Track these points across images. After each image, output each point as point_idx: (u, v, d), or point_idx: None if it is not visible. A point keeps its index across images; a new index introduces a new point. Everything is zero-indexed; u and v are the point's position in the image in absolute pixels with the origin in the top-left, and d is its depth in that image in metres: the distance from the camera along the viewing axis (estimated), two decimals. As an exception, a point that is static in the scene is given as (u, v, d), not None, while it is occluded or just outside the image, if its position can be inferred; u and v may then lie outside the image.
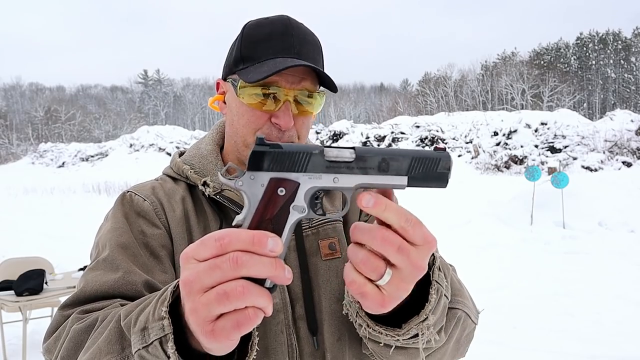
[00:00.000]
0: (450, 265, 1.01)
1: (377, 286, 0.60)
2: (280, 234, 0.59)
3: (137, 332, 0.69)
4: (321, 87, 1.03)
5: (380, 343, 0.80)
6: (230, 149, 1.07)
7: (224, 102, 1.06)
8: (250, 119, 0.98)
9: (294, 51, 0.95)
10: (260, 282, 0.56)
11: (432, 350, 0.86)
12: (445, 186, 0.63)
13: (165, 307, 0.66)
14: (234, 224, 0.59)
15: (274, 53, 0.95)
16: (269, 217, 0.59)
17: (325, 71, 1.04)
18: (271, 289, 0.57)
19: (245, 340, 0.71)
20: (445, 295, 0.81)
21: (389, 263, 0.59)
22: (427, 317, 0.75)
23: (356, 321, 0.81)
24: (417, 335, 0.77)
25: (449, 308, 0.87)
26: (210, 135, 1.13)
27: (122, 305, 0.85)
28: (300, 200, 0.61)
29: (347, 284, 0.61)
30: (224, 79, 1.05)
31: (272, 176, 0.60)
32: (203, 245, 0.55)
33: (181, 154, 1.13)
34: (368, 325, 0.78)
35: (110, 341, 0.75)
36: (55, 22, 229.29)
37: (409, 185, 0.63)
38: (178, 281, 0.63)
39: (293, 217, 0.60)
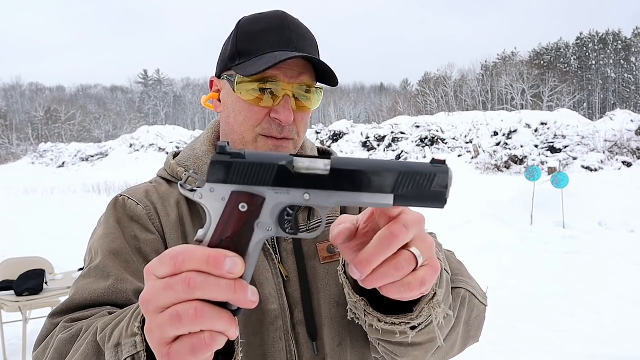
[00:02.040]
0: (449, 251, 0.99)
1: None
2: (242, 253, 0.52)
3: (111, 348, 0.66)
4: (318, 83, 1.00)
5: (397, 334, 0.74)
6: (235, 146, 1.03)
7: (219, 100, 1.03)
8: (248, 115, 0.95)
9: (293, 45, 0.92)
10: (222, 303, 0.51)
11: (444, 336, 0.83)
12: (442, 207, 0.54)
13: (138, 323, 0.62)
14: (195, 239, 0.54)
15: (271, 46, 0.92)
16: (230, 235, 0.53)
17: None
18: (235, 312, 0.52)
19: (229, 354, 0.65)
20: (445, 269, 0.79)
21: (406, 247, 0.58)
22: (435, 293, 0.72)
23: (365, 321, 0.77)
24: (430, 318, 0.74)
25: (452, 287, 0.85)
26: (205, 135, 1.09)
27: (110, 313, 0.82)
28: (266, 217, 0.54)
29: (401, 291, 0.58)
30: (218, 76, 1.02)
31: (234, 189, 0.54)
32: (160, 262, 0.51)
33: (176, 155, 1.10)
34: (379, 320, 0.73)
35: (87, 356, 0.72)
36: (52, 21, 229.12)
37: (396, 204, 0.54)
38: None
39: (258, 236, 0.54)
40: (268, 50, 0.91)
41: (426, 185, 0.53)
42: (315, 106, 0.98)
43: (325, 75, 0.96)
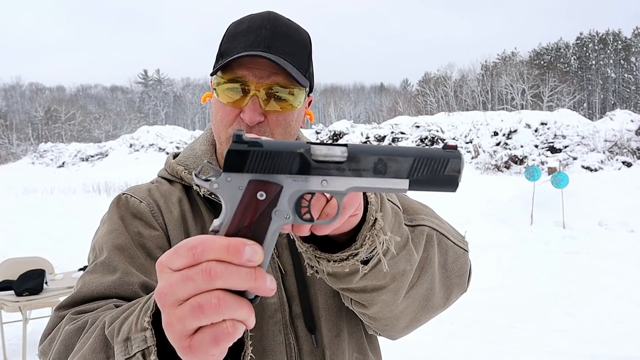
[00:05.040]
0: (426, 207, 0.99)
1: None
2: (260, 242, 0.53)
3: (120, 343, 0.66)
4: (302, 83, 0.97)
5: (347, 270, 0.74)
6: (217, 146, 1.06)
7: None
8: (223, 115, 0.97)
9: (264, 45, 0.92)
10: (240, 291, 0.51)
11: (415, 276, 0.82)
12: (454, 190, 0.57)
13: (148, 318, 0.62)
14: (210, 229, 0.54)
15: (244, 47, 0.93)
16: (248, 223, 0.53)
17: (311, 68, 1.02)
18: (253, 300, 0.52)
19: (239, 348, 0.66)
20: (390, 200, 0.78)
21: None
22: (376, 219, 0.71)
23: (323, 270, 0.76)
24: (377, 248, 0.73)
25: (411, 226, 0.85)
26: (204, 135, 1.12)
27: (116, 305, 0.83)
28: (284, 205, 0.54)
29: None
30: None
31: (251, 178, 0.54)
32: (176, 254, 0.50)
33: (175, 156, 1.12)
34: (328, 260, 0.73)
35: (95, 350, 0.72)
36: (45, 20, 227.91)
37: (411, 189, 0.56)
38: None
39: (275, 224, 0.54)
40: (240, 52, 0.92)
41: (440, 170, 0.56)
42: (296, 105, 0.97)
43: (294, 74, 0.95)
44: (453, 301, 0.97)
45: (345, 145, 0.55)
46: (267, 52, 0.91)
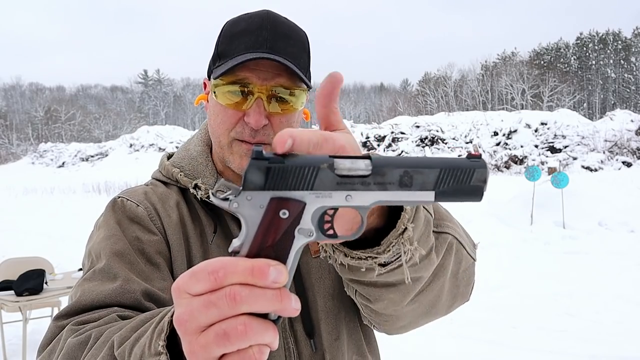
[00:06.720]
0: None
1: None
2: (284, 261, 0.51)
3: None
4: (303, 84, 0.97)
5: (363, 269, 0.72)
6: (216, 149, 1.04)
7: (208, 102, 1.03)
8: (224, 118, 0.95)
9: (267, 45, 0.90)
10: (263, 314, 0.49)
11: (426, 282, 0.80)
12: (479, 200, 0.55)
13: (162, 341, 0.59)
14: (230, 250, 0.51)
15: (245, 48, 0.91)
16: (271, 243, 0.50)
17: (310, 68, 1.01)
18: (276, 321, 0.50)
19: None
20: (425, 207, 0.76)
21: None
22: (405, 228, 0.68)
23: (335, 259, 0.73)
24: (400, 255, 0.71)
25: (436, 232, 0.82)
26: (198, 135, 1.09)
27: (118, 315, 0.81)
28: (307, 222, 0.52)
29: None
30: (208, 78, 1.03)
31: (273, 196, 0.51)
32: (195, 279, 0.47)
33: (169, 156, 1.09)
34: (345, 255, 0.70)
35: None
36: (42, 19, 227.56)
37: (437, 200, 0.55)
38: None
39: (299, 242, 0.52)
40: (241, 53, 0.90)
41: (466, 181, 0.55)
42: (298, 107, 0.96)
43: (299, 75, 0.93)
44: (454, 309, 0.96)
45: (369, 157, 0.53)
46: (271, 54, 0.89)
